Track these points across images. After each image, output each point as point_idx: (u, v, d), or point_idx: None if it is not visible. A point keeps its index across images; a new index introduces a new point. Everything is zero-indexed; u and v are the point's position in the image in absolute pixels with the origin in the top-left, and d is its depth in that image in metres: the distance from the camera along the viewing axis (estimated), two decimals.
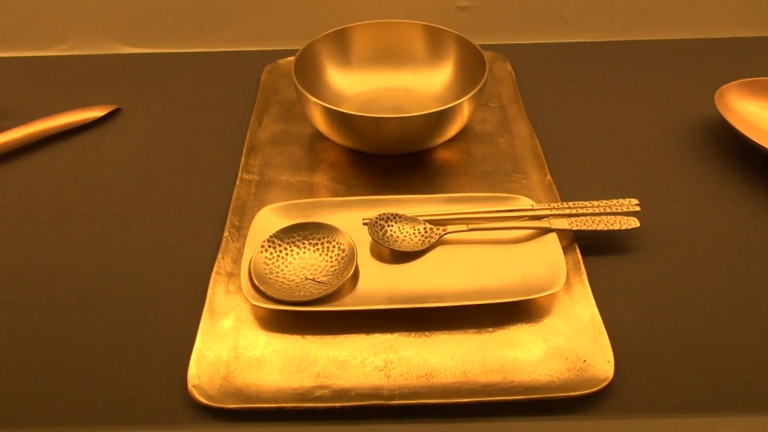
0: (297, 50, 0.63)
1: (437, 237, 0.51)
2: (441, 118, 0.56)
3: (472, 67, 0.63)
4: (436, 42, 0.67)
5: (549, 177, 0.58)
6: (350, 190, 0.57)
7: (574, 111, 0.68)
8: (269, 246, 0.50)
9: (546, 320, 0.46)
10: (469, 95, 0.56)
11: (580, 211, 0.53)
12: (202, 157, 0.62)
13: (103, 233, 0.54)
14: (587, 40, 0.80)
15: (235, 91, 0.71)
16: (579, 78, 0.73)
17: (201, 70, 0.76)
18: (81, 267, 0.51)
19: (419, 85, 0.67)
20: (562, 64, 0.76)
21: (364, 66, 0.68)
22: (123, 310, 0.48)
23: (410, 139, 0.57)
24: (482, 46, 0.64)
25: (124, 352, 0.45)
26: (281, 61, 0.75)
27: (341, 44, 0.67)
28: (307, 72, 0.63)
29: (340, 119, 0.56)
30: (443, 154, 0.62)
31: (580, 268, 0.49)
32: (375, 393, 0.42)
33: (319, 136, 0.63)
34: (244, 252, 0.50)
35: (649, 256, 0.52)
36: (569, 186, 0.58)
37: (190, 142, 0.64)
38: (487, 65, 0.60)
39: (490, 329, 0.46)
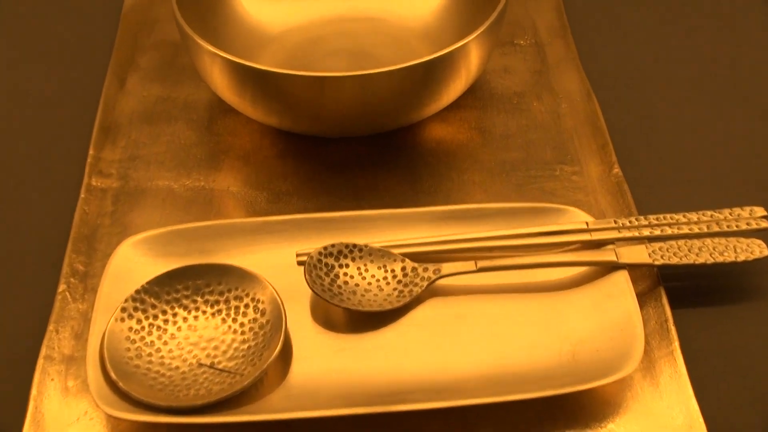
0: None
1: (425, 284, 0.51)
2: (432, 71, 0.55)
3: None
4: None
5: (617, 169, 0.58)
6: (277, 202, 0.58)
7: (659, 55, 0.68)
8: (136, 308, 0.49)
9: (611, 425, 0.46)
10: (479, 30, 0.55)
11: (668, 231, 0.52)
12: (23, 149, 0.63)
13: None
14: None
15: (81, 30, 0.72)
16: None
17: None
18: None
19: (394, 13, 0.69)
20: None
21: None
22: None
23: (379, 111, 0.57)
24: None
25: None
26: None
27: None
28: None
29: (258, 80, 0.55)
30: (437, 134, 0.62)
31: (668, 332, 0.49)
32: None
33: (223, 108, 0.62)
34: (93, 319, 0.49)
35: None
36: (649, 185, 0.58)
37: (5, 122, 0.64)
38: None
39: None
